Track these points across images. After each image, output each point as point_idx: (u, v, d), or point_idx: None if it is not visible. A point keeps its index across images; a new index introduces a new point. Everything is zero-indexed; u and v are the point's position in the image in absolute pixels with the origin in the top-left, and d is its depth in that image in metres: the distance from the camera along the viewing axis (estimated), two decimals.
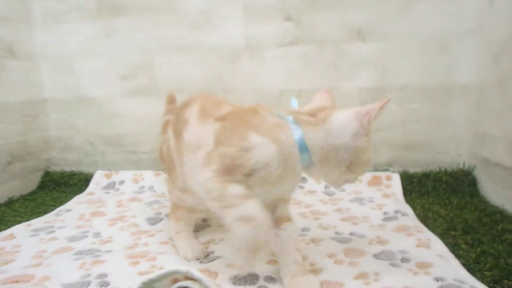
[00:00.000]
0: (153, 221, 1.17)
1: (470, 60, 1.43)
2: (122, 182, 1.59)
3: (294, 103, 0.82)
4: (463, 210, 1.21)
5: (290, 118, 0.77)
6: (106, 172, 1.65)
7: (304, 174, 0.81)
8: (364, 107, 0.74)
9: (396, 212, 1.18)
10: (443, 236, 1.01)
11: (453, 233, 1.03)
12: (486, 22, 1.34)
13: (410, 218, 1.12)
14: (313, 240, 0.99)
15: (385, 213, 1.19)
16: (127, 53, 1.70)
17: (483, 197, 1.33)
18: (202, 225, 1.12)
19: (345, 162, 0.75)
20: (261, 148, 0.72)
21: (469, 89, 1.46)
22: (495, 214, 1.16)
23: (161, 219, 1.17)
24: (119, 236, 1.06)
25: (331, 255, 0.90)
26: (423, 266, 0.82)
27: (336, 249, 0.93)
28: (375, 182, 1.44)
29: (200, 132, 0.80)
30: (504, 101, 1.21)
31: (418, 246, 0.92)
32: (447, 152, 1.52)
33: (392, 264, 0.84)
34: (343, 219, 1.14)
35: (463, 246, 0.95)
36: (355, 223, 1.10)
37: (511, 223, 1.08)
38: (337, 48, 1.53)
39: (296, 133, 0.75)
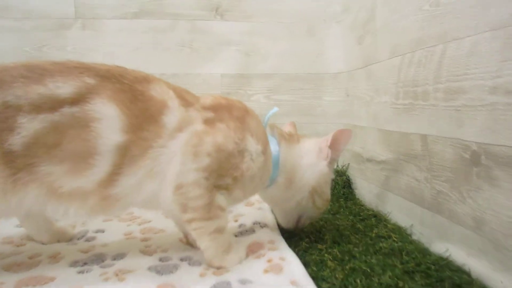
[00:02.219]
0: None
1: (337, 45, 1.29)
2: None
3: (274, 111, 0.82)
4: (335, 216, 1.01)
5: (269, 129, 0.81)
6: None
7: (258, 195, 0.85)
8: (324, 136, 0.82)
9: (255, 223, 0.91)
10: (306, 252, 0.78)
11: (319, 246, 0.80)
12: (351, 4, 1.20)
13: (268, 230, 0.85)
14: (119, 272, 0.67)
15: (240, 225, 0.91)
16: None
17: (359, 200, 1.16)
18: None
19: (308, 186, 0.79)
20: (255, 155, 0.71)
21: (339, 78, 1.30)
22: (370, 219, 0.98)
23: None
24: None
25: None
26: None
27: (146, 286, 0.62)
28: None
29: (185, 117, 0.68)
30: (370, 84, 1.05)
31: (266, 271, 0.65)
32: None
33: None
34: (182, 239, 0.83)
35: (330, 263, 0.72)
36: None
37: (386, 228, 0.90)
38: (193, 25, 1.26)
39: (274, 148, 0.77)
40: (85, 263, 0.72)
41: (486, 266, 0.64)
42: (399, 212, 0.93)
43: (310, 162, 0.79)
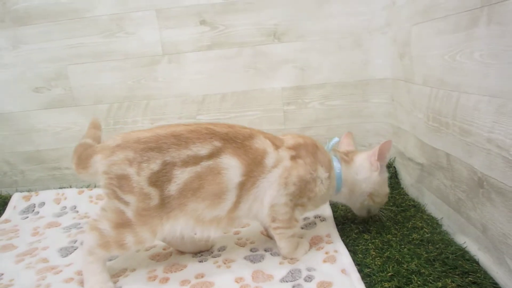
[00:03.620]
0: (66, 252, 1.09)
1: (382, 55, 1.44)
2: (42, 204, 1.48)
3: (335, 141, 1.05)
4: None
5: (332, 152, 1.04)
6: (25, 194, 1.54)
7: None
8: (372, 150, 1.04)
9: (316, 217, 1.19)
10: (355, 242, 1.04)
11: (365, 236, 1.06)
12: (391, 20, 1.35)
13: (327, 223, 1.13)
14: (226, 261, 0.97)
15: (305, 218, 1.20)
16: (38, 64, 1.58)
17: (403, 190, 1.37)
18: None
19: (366, 193, 1.04)
20: (324, 180, 0.97)
21: (384, 83, 1.47)
22: (410, 209, 1.19)
23: (75, 249, 1.10)
24: (22, 277, 0.97)
25: (238, 280, 0.89)
26: (323, 286, 0.84)
27: (245, 272, 0.92)
28: None
29: (277, 157, 0.94)
30: (410, 98, 1.23)
31: (324, 261, 0.93)
32: (369, 145, 1.55)
33: (294, 286, 0.85)
34: (263, 231, 1.13)
35: (372, 252, 0.97)
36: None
37: (421, 219, 1.11)
38: (255, 50, 1.50)
39: (337, 166, 1.02)
40: (201, 254, 1.00)
41: (489, 260, 0.85)
42: (432, 205, 1.15)
43: (365, 176, 1.03)
